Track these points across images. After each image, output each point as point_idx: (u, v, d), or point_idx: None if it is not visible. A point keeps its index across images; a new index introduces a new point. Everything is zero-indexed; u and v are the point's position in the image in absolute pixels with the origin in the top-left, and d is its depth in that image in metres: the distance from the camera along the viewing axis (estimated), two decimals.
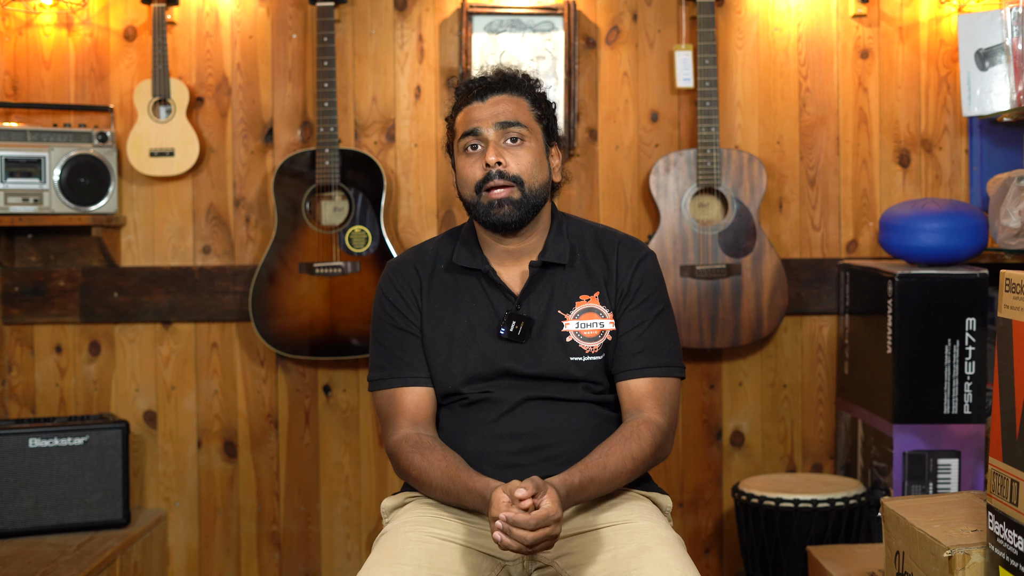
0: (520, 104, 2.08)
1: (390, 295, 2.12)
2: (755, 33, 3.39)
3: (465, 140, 2.06)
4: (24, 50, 3.32)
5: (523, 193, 2.04)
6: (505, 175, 2.02)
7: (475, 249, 2.12)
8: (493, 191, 2.03)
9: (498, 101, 2.07)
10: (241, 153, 3.35)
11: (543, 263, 2.09)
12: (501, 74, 2.12)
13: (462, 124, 2.08)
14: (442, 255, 2.15)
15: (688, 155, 3.26)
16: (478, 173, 2.04)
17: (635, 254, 2.12)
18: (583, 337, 2.06)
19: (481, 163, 2.04)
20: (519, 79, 2.12)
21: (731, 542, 3.42)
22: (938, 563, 1.85)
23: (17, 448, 3.02)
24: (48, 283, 3.33)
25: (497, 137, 2.05)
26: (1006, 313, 1.74)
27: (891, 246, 2.99)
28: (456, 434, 2.06)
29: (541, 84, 2.16)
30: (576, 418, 2.05)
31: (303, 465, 3.40)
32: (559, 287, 2.08)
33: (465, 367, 2.05)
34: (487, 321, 2.06)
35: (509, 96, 2.08)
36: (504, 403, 2.03)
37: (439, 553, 1.92)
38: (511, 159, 2.04)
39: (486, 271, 2.09)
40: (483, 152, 2.05)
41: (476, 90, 2.09)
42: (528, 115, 2.08)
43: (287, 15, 3.34)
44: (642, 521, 1.98)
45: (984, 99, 3.08)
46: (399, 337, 2.09)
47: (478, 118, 2.06)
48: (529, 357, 2.04)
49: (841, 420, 3.34)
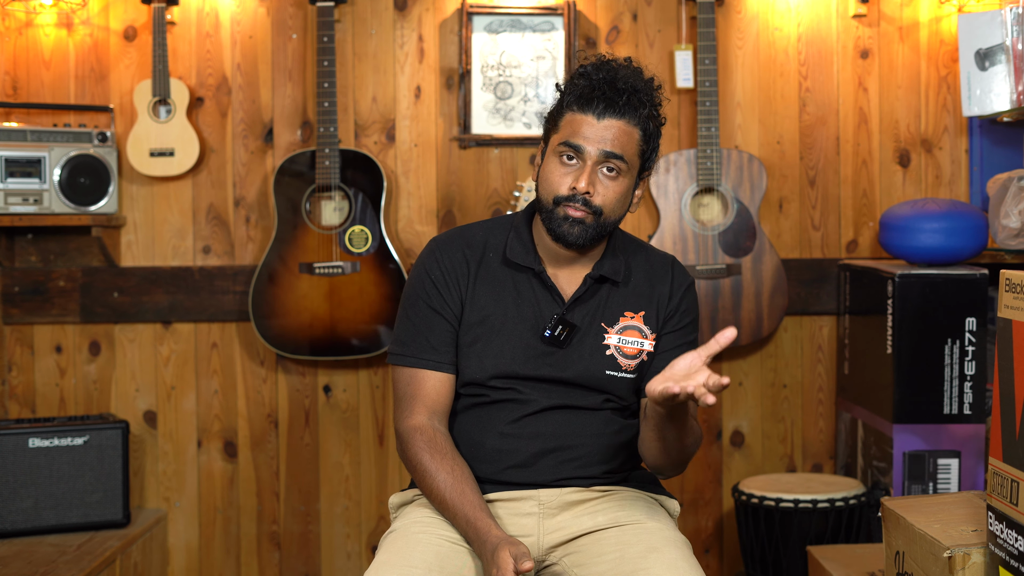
0: (632, 136, 1.98)
1: (432, 273, 2.05)
2: (755, 33, 3.39)
3: (562, 148, 1.98)
4: (24, 50, 3.32)
5: (598, 222, 1.98)
6: (589, 204, 1.96)
7: (529, 246, 2.06)
8: (571, 208, 1.96)
9: (611, 126, 1.95)
10: (241, 153, 3.35)
11: (599, 276, 2.05)
12: (626, 94, 1.97)
13: (567, 129, 1.98)
14: (492, 244, 2.08)
15: (688, 155, 3.26)
16: (564, 189, 1.97)
17: (684, 279, 2.11)
18: (623, 353, 2.04)
19: (570, 181, 1.96)
20: (641, 101, 1.98)
21: (731, 542, 3.42)
22: (938, 563, 1.85)
23: (17, 448, 3.02)
24: (48, 283, 3.33)
25: (596, 162, 1.96)
26: (1006, 313, 1.74)
27: (891, 246, 2.99)
28: (475, 430, 2.03)
29: (659, 105, 2.03)
30: (596, 423, 2.04)
31: (303, 465, 3.40)
32: (607, 301, 2.06)
33: (499, 361, 2.01)
34: (530, 320, 2.03)
35: (625, 125, 1.96)
36: (528, 405, 2.01)
37: (450, 556, 1.91)
38: (600, 190, 1.96)
39: (539, 271, 2.04)
40: (576, 170, 1.96)
41: (595, 102, 1.96)
42: (634, 149, 1.98)
43: (287, 15, 3.34)
44: (650, 522, 1.97)
45: (984, 99, 3.08)
46: (431, 318, 2.04)
47: (586, 135, 1.95)
48: (565, 363, 2.02)
49: (841, 420, 3.34)
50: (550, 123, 2.04)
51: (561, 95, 2.02)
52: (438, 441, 1.99)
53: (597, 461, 2.03)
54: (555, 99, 2.04)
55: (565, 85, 2.03)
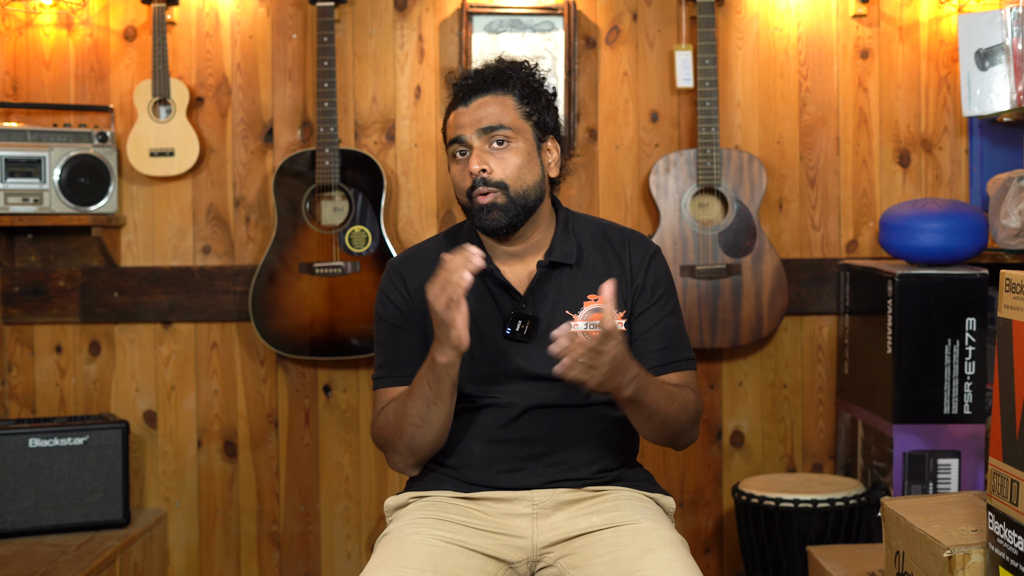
0: (505, 104, 2.02)
1: (391, 294, 2.10)
2: (755, 33, 3.39)
3: (452, 147, 2.04)
4: (24, 50, 3.32)
5: (509, 197, 1.99)
6: (489, 182, 1.99)
7: (479, 248, 2.08)
8: (479, 197, 1.99)
9: (481, 104, 2.02)
10: (241, 153, 3.35)
11: (550, 263, 2.06)
12: (484, 72, 2.06)
13: (450, 130, 2.05)
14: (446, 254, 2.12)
15: (688, 155, 3.26)
16: (467, 181, 2.01)
17: (646, 250, 2.10)
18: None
19: (468, 170, 2.01)
20: (505, 75, 2.05)
21: (731, 542, 3.42)
22: (938, 563, 1.85)
23: (17, 448, 3.02)
24: (48, 283, 3.33)
25: (481, 143, 2.00)
26: (1006, 313, 1.74)
27: (891, 246, 2.99)
28: (464, 438, 2.04)
29: (535, 73, 2.09)
30: (582, 423, 2.04)
31: (303, 465, 3.40)
32: (567, 287, 2.05)
33: (472, 369, 2.02)
34: (493, 321, 2.04)
35: (493, 96, 2.02)
36: (511, 410, 2.01)
37: (444, 556, 1.91)
38: (496, 164, 2.00)
39: (490, 271, 2.05)
40: (468, 159, 2.01)
41: (461, 93, 2.04)
42: (514, 114, 2.02)
43: (287, 15, 3.34)
44: (646, 522, 1.97)
45: (984, 99, 3.08)
46: (397, 335, 2.08)
47: (461, 124, 2.02)
48: (538, 357, 2.01)
49: (841, 420, 3.34)
50: (445, 140, 2.09)
51: (445, 112, 2.10)
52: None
53: (587, 462, 2.03)
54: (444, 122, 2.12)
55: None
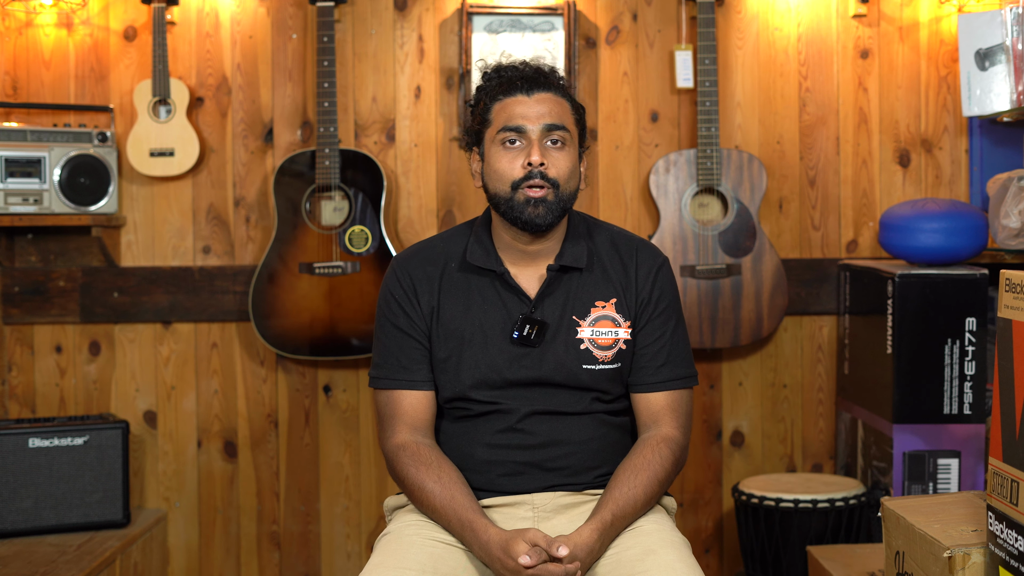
0: (564, 106, 2.02)
1: (396, 293, 2.06)
2: (755, 33, 3.39)
3: (503, 135, 1.98)
4: (24, 50, 3.32)
5: (558, 196, 1.97)
6: (546, 177, 1.96)
7: (490, 249, 2.05)
8: (531, 189, 1.96)
9: (544, 99, 1.99)
10: (241, 153, 3.35)
11: (560, 267, 2.04)
12: (542, 71, 2.04)
13: (502, 116, 1.99)
14: (452, 253, 2.08)
15: (688, 155, 3.26)
16: (518, 171, 1.97)
17: (653, 262, 2.08)
18: (597, 345, 2.02)
19: (522, 161, 1.97)
20: (559, 78, 2.05)
21: (731, 542, 3.42)
22: (938, 563, 1.85)
23: (17, 448, 3.02)
24: (48, 283, 3.33)
25: (540, 137, 1.98)
26: (1006, 313, 1.74)
27: (891, 246, 2.99)
28: (464, 443, 2.04)
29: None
30: (584, 430, 2.03)
31: (303, 465, 3.40)
32: (575, 292, 2.04)
33: (475, 372, 2.01)
34: (499, 325, 2.02)
35: (554, 96, 2.01)
36: (512, 415, 2.00)
37: (443, 558, 1.91)
38: (552, 162, 1.97)
39: (501, 273, 2.03)
40: (525, 150, 1.97)
41: (520, 82, 2.00)
42: (570, 119, 2.02)
43: (287, 15, 3.34)
44: (647, 524, 1.97)
45: (984, 99, 3.08)
46: (400, 339, 2.05)
47: (523, 115, 1.98)
48: (541, 362, 2.01)
49: (841, 420, 3.34)
50: (479, 124, 2.04)
51: (478, 99, 2.05)
52: (422, 453, 1.99)
53: (586, 468, 2.03)
54: (467, 112, 2.07)
55: (478, 90, 2.06)
